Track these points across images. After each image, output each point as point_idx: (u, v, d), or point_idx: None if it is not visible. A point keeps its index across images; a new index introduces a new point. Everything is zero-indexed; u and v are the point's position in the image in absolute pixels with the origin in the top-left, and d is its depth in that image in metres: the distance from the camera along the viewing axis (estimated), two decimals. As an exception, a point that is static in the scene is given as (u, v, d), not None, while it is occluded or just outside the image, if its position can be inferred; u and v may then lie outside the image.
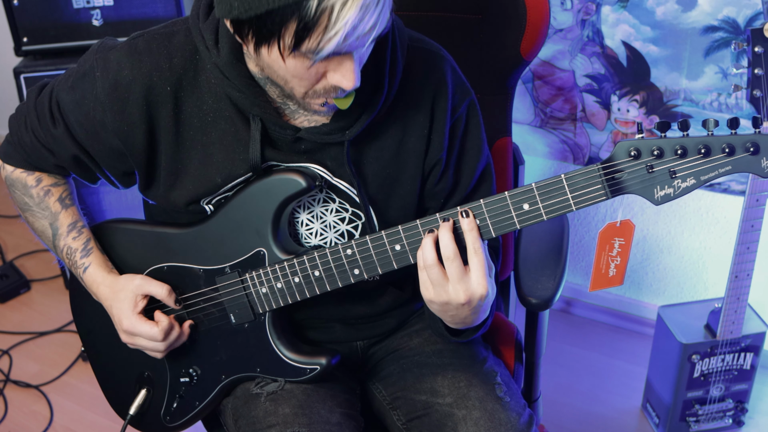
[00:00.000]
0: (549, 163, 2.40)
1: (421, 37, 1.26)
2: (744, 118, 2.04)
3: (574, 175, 1.05)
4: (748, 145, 0.99)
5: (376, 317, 1.39)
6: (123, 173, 1.28)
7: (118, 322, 1.28)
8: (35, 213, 1.33)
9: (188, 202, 1.24)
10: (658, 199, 1.04)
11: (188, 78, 1.17)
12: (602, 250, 1.13)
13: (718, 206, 2.22)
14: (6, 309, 2.69)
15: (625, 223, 1.13)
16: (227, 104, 1.17)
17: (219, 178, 1.21)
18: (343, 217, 1.26)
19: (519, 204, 1.08)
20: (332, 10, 0.93)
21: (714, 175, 1.01)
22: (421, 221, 1.13)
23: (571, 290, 2.58)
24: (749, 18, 1.93)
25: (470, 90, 1.27)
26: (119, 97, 1.17)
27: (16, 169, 1.33)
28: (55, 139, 1.25)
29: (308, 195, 1.23)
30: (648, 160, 1.02)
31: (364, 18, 0.95)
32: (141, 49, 1.17)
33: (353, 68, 1.02)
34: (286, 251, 1.23)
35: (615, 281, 1.15)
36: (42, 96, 1.26)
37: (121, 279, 1.29)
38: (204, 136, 1.20)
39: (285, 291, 1.23)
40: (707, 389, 2.04)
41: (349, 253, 1.17)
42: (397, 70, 1.17)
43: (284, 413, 1.25)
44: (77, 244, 1.31)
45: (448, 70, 1.24)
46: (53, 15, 2.26)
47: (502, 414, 1.26)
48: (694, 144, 1.00)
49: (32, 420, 2.26)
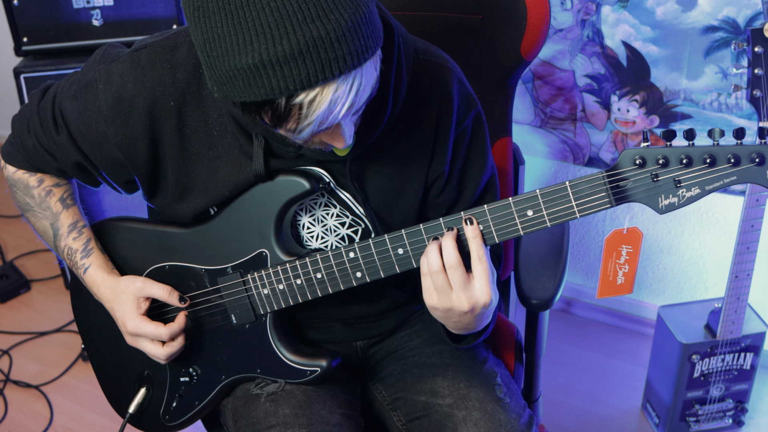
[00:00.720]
0: (549, 163, 2.40)
1: (428, 48, 1.23)
2: (743, 118, 2.04)
3: (579, 183, 1.05)
4: (754, 155, 0.99)
5: (376, 317, 1.39)
6: (126, 182, 1.28)
7: (122, 324, 1.28)
8: (36, 213, 1.34)
9: (195, 214, 1.25)
10: (662, 207, 1.04)
11: (192, 92, 1.17)
12: (609, 257, 1.13)
13: (718, 206, 2.22)
14: (6, 309, 2.69)
15: (632, 230, 1.12)
16: (230, 119, 1.17)
17: (227, 191, 1.21)
18: (344, 221, 1.26)
19: (523, 211, 1.09)
20: (301, 107, 0.94)
21: (719, 185, 1.01)
22: (425, 226, 1.13)
23: (571, 290, 2.58)
24: (749, 18, 1.93)
25: (476, 102, 1.26)
26: (122, 111, 1.17)
27: (18, 170, 1.33)
28: (58, 146, 1.25)
29: (311, 198, 1.24)
30: (653, 168, 1.02)
31: (336, 106, 0.95)
32: (144, 63, 1.16)
33: (342, 133, 1.03)
34: (288, 253, 1.23)
35: (624, 289, 1.15)
36: (45, 101, 1.26)
37: (122, 281, 1.28)
38: (210, 150, 1.19)
39: (287, 292, 1.24)
40: (707, 389, 2.04)
41: (351, 256, 1.17)
42: (401, 88, 1.16)
43: (284, 414, 1.25)
44: (77, 245, 1.31)
45: (454, 83, 1.22)
46: (53, 15, 2.26)
47: (502, 415, 1.26)
48: (700, 154, 1.00)
49: (32, 420, 2.26)
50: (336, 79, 0.92)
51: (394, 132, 1.19)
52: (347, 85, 0.94)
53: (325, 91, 0.93)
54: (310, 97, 0.93)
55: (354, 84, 0.95)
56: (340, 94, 0.94)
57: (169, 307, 1.31)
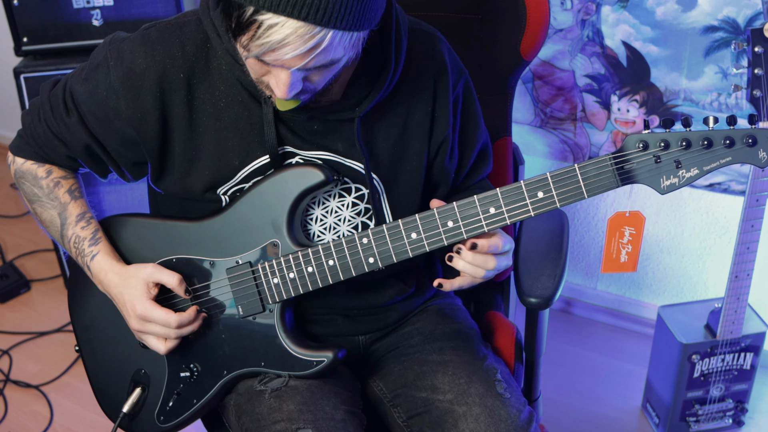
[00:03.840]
0: (549, 163, 2.40)
1: (419, 21, 1.34)
2: (743, 118, 2.04)
3: (587, 165, 1.11)
4: (746, 138, 1.07)
5: (378, 310, 1.40)
6: (134, 163, 1.30)
7: (131, 307, 1.27)
8: (44, 203, 1.35)
9: (205, 189, 1.26)
10: (664, 188, 1.10)
11: (200, 65, 1.22)
12: (612, 236, 1.20)
13: (718, 206, 2.22)
14: (6, 309, 2.69)
15: (634, 213, 1.19)
16: (239, 89, 1.22)
17: (236, 160, 1.25)
18: (359, 210, 1.30)
19: (534, 192, 1.13)
20: (260, 25, 0.99)
21: (716, 166, 1.08)
22: (438, 209, 1.17)
23: (571, 290, 2.58)
24: (749, 18, 1.94)
25: (464, 69, 1.36)
26: (133, 84, 1.21)
27: (26, 161, 1.35)
28: (68, 129, 1.27)
29: (324, 190, 1.27)
30: (655, 151, 1.09)
31: (286, 46, 1.00)
32: (154, 39, 1.21)
33: (285, 81, 1.07)
34: (299, 244, 1.25)
35: (627, 267, 1.22)
36: (56, 89, 1.30)
37: (131, 267, 1.30)
38: (217, 122, 1.23)
39: (297, 281, 1.25)
40: (707, 389, 2.04)
41: (365, 242, 1.20)
42: (401, 50, 1.23)
43: (289, 410, 1.25)
44: (86, 233, 1.32)
45: (445, 51, 1.32)
46: (53, 15, 2.26)
47: (502, 410, 1.27)
48: (697, 137, 1.08)
49: (32, 420, 2.26)
50: (301, 22, 0.98)
51: (395, 96, 1.27)
52: (308, 35, 0.99)
53: (285, 27, 0.98)
54: (271, 21, 0.98)
55: (313, 39, 1.00)
56: (297, 39, 0.99)
57: (175, 299, 1.31)
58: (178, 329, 1.27)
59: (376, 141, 1.28)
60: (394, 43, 1.21)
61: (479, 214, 1.16)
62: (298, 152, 1.26)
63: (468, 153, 1.37)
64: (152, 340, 1.29)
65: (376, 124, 1.27)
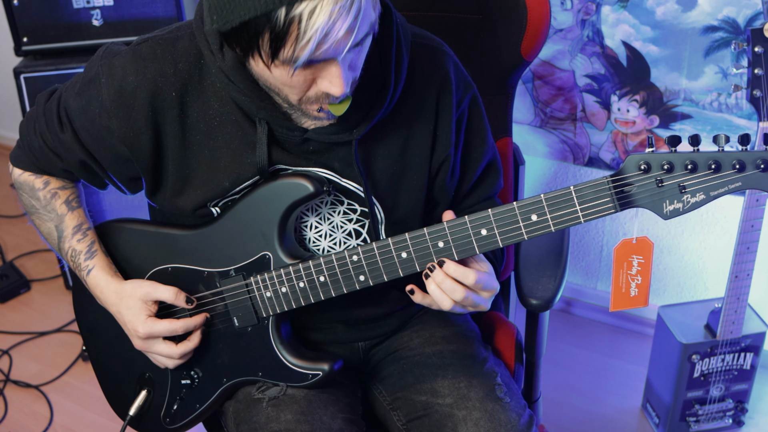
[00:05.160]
0: (549, 163, 2.40)
1: (424, 33, 1.27)
2: (743, 118, 2.04)
3: (583, 187, 1.05)
4: (759, 161, 0.98)
5: (379, 318, 1.39)
6: (129, 179, 1.28)
7: (133, 329, 1.27)
8: (42, 215, 1.34)
9: (195, 207, 1.24)
10: (667, 213, 1.03)
11: (193, 83, 1.18)
12: (620, 267, 1.12)
13: (718, 206, 2.22)
14: (6, 309, 2.69)
15: (642, 240, 1.11)
16: (233, 108, 1.18)
17: (227, 182, 1.21)
18: (351, 217, 1.27)
19: (527, 215, 1.08)
20: (300, 19, 0.93)
21: (723, 191, 1.01)
22: (429, 230, 1.13)
23: (571, 290, 2.58)
24: (749, 18, 1.93)
25: (472, 84, 1.29)
26: (124, 103, 1.17)
27: (24, 173, 1.34)
28: (63, 144, 1.26)
29: (316, 199, 1.23)
30: (658, 174, 1.02)
31: (335, 24, 0.95)
32: (145, 55, 1.17)
33: (340, 74, 1.02)
34: (291, 256, 1.23)
35: (638, 302, 1.13)
36: (51, 101, 1.27)
37: (128, 285, 1.28)
38: (211, 141, 1.20)
39: (289, 295, 1.23)
40: (707, 389, 2.04)
41: (355, 259, 1.17)
42: (402, 68, 1.18)
43: (286, 419, 1.25)
44: (81, 246, 1.31)
45: (450, 66, 1.25)
46: (53, 15, 2.26)
47: (502, 414, 1.26)
48: (705, 159, 1.00)
49: (32, 420, 2.26)
50: None
51: (396, 115, 1.21)
52: (347, 1, 0.94)
53: (325, 4, 0.93)
54: (309, 7, 0.92)
55: (354, 5, 0.95)
56: (341, 9, 0.94)
57: (174, 308, 1.31)
58: (184, 341, 1.27)
59: (375, 162, 1.23)
60: (394, 60, 1.16)
61: (471, 236, 1.11)
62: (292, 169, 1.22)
63: (471, 170, 1.31)
64: (159, 358, 1.29)
65: (375, 144, 1.22)
